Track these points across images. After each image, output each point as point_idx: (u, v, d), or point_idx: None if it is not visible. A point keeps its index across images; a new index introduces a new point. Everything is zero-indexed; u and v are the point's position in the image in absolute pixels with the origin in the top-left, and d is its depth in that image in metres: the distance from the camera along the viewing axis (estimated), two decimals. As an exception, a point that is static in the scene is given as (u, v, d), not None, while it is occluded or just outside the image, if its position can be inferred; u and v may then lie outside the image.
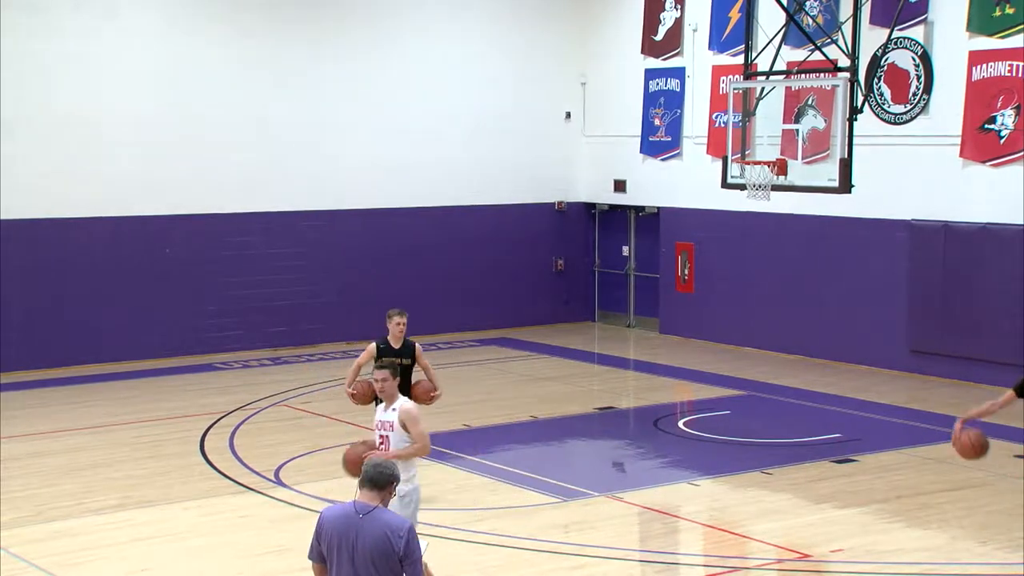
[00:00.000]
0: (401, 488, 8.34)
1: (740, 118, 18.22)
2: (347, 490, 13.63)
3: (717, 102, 22.15)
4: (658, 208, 24.11)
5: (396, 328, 13.11)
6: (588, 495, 13.67)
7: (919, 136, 19.67)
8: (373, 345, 13.17)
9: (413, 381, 13.12)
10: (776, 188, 17.60)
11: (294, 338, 22.60)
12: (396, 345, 13.10)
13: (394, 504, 7.59)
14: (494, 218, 24.45)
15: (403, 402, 10.09)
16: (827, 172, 17.52)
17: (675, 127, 23.51)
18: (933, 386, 19.26)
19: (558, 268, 25.32)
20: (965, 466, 14.80)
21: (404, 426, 9.94)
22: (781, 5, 18.64)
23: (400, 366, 11.45)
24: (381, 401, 10.15)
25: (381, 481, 6.99)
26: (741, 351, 21.76)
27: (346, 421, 17.03)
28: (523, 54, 24.62)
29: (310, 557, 7.12)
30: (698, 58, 22.97)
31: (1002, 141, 18.63)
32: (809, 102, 19.71)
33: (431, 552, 11.76)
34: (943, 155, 19.35)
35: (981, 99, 18.78)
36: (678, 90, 23.43)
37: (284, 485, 14.06)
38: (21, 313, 20.31)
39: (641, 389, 20.18)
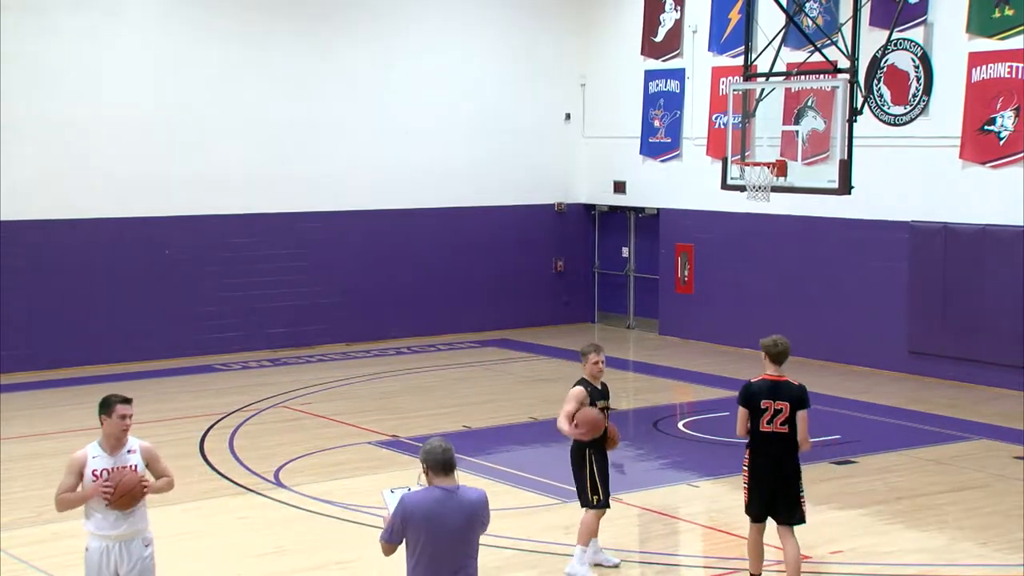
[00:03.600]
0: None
1: (740, 119, 18.22)
2: (347, 492, 13.65)
3: (717, 103, 22.16)
4: (658, 209, 24.12)
5: (595, 368, 11.39)
6: (588, 496, 13.66)
7: (919, 137, 19.68)
8: (581, 389, 11.28)
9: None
10: (776, 189, 17.60)
11: (294, 339, 22.60)
12: (598, 386, 11.48)
13: None
14: (494, 219, 24.46)
15: None
16: (827, 173, 17.52)
17: (675, 128, 23.52)
18: (932, 387, 19.26)
19: (558, 269, 25.32)
20: (964, 468, 14.84)
21: None
22: (781, 6, 18.64)
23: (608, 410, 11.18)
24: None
25: (452, 464, 7.54)
26: (740, 352, 21.75)
27: (346, 422, 17.04)
28: (523, 55, 24.63)
29: (391, 539, 7.49)
30: (698, 59, 22.97)
31: (1002, 142, 18.63)
32: (809, 103, 19.72)
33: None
34: (943, 156, 19.35)
35: (981, 100, 18.78)
36: (678, 91, 23.43)
37: (284, 486, 14.06)
38: (21, 314, 20.31)
39: (641, 390, 20.18)
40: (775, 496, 10.35)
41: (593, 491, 11.11)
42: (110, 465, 8.51)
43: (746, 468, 10.52)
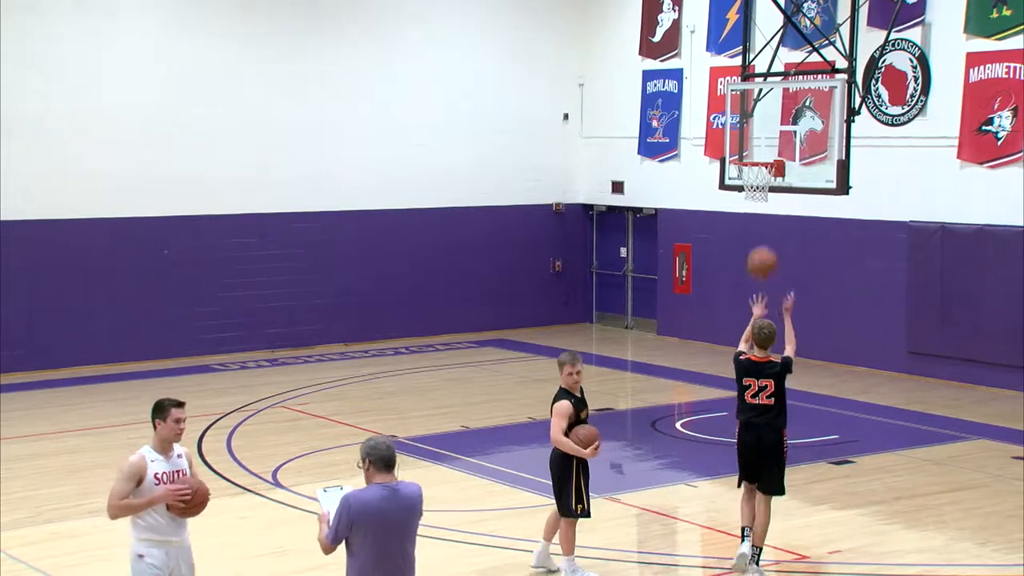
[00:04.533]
0: None
1: (738, 119, 18.22)
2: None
3: (715, 103, 22.17)
4: (656, 209, 24.13)
5: (570, 378, 11.07)
6: (586, 496, 13.67)
7: (917, 138, 19.69)
8: (566, 403, 10.98)
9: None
10: (774, 189, 17.59)
11: (292, 339, 22.60)
12: (578, 394, 11.20)
13: None
14: (492, 219, 24.46)
15: None
16: (825, 173, 17.51)
17: (673, 128, 23.53)
18: (931, 387, 19.27)
19: (556, 269, 25.32)
20: (963, 468, 14.84)
21: None
22: (779, 7, 18.64)
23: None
24: None
25: (395, 462, 7.72)
26: (739, 352, 21.73)
27: (343, 422, 17.04)
28: (521, 56, 24.63)
29: (336, 540, 7.66)
30: (696, 59, 22.98)
31: (1000, 143, 18.65)
32: (807, 103, 19.73)
33: (432, 553, 11.79)
34: (941, 157, 19.36)
35: (979, 101, 18.79)
36: (676, 91, 23.44)
37: (282, 487, 14.07)
38: (20, 314, 20.31)
39: (639, 390, 20.18)
40: (758, 464, 11.16)
41: (578, 500, 10.99)
42: (168, 469, 8.46)
43: (738, 441, 11.34)
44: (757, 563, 11.06)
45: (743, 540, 11.14)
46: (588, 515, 11.11)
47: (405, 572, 7.74)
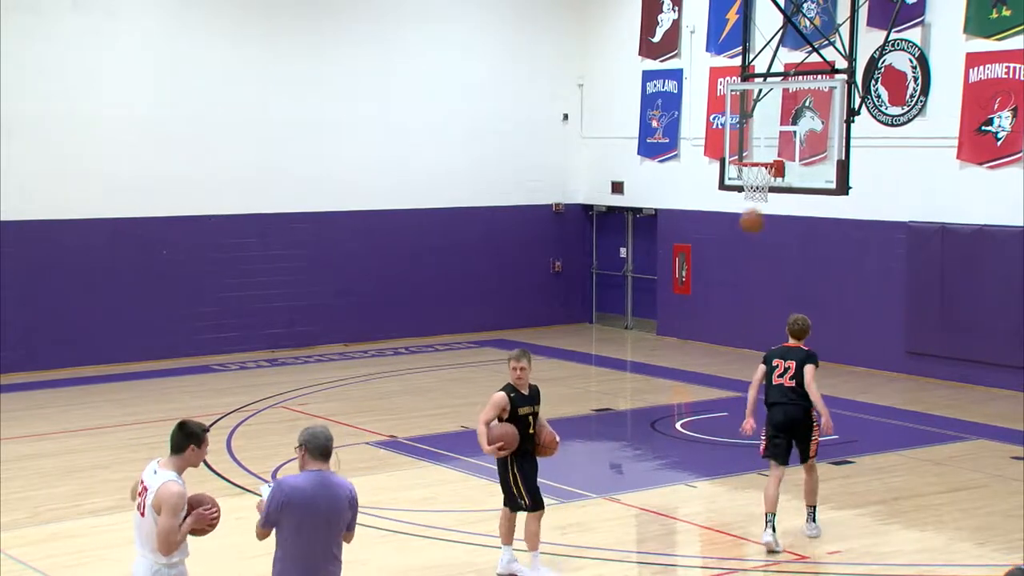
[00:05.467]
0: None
1: (738, 120, 18.23)
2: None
3: (714, 104, 22.17)
4: (656, 210, 24.13)
5: (514, 373, 11.05)
6: (586, 497, 13.69)
7: (916, 138, 19.69)
8: (503, 395, 10.98)
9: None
10: (773, 190, 17.60)
11: (292, 339, 22.61)
12: (524, 391, 11.11)
13: None
14: (492, 220, 24.46)
15: None
16: (824, 174, 17.52)
17: (672, 129, 23.53)
18: (930, 388, 19.28)
19: (556, 270, 25.33)
20: (962, 468, 14.85)
21: None
22: (778, 7, 18.65)
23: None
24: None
25: (330, 451, 7.87)
26: (738, 352, 21.76)
27: (343, 422, 17.04)
28: (521, 56, 24.63)
29: (267, 525, 7.89)
30: (696, 60, 22.99)
31: (999, 143, 18.65)
32: (806, 104, 19.74)
33: (432, 553, 11.78)
34: (940, 157, 19.37)
35: (978, 101, 18.80)
36: (676, 92, 23.44)
37: (282, 487, 14.05)
38: (19, 315, 20.31)
39: (638, 391, 20.18)
40: (785, 435, 12.09)
41: (520, 496, 11.00)
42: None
43: (766, 420, 12.27)
44: (814, 520, 12.26)
45: (766, 527, 11.85)
46: (541, 507, 11.08)
47: (334, 559, 7.84)
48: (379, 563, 11.65)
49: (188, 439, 8.04)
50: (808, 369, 12.06)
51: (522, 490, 10.98)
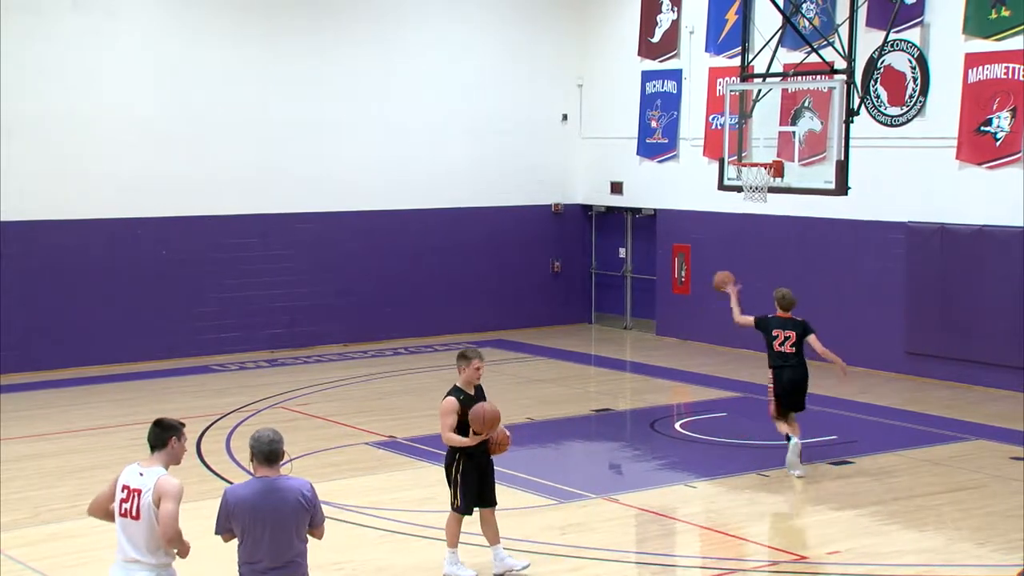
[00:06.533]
0: None
1: (737, 120, 18.23)
2: (344, 493, 13.66)
3: (714, 104, 22.18)
4: (655, 210, 24.14)
5: (476, 374, 11.02)
6: (585, 497, 13.69)
7: (915, 138, 19.69)
8: (452, 399, 10.91)
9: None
10: (773, 190, 17.60)
11: (291, 340, 22.61)
12: (471, 392, 11.07)
13: None
14: (491, 220, 24.47)
15: None
16: (823, 174, 17.52)
17: (672, 129, 23.53)
18: (929, 388, 19.28)
19: (555, 270, 25.33)
20: (962, 468, 14.86)
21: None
22: (778, 7, 18.65)
23: None
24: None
25: (277, 456, 7.88)
26: (738, 353, 21.76)
27: (343, 423, 17.05)
28: (520, 56, 24.64)
29: (219, 531, 8.03)
30: (695, 60, 22.99)
31: (998, 143, 18.65)
32: (806, 104, 19.74)
33: (432, 553, 11.79)
34: (939, 157, 19.37)
35: (977, 101, 18.80)
36: (675, 92, 23.45)
37: (281, 487, 14.05)
38: (18, 315, 20.31)
39: (638, 391, 20.19)
40: (793, 394, 14.49)
41: (453, 496, 11.06)
42: None
43: (771, 382, 14.58)
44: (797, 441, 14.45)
45: (789, 441, 14.39)
46: (468, 512, 11.14)
47: (285, 564, 7.83)
48: (378, 563, 11.66)
49: (168, 431, 8.08)
50: (812, 338, 14.49)
51: (458, 488, 11.01)
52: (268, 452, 7.85)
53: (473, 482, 11.06)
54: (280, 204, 22.42)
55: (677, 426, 17.46)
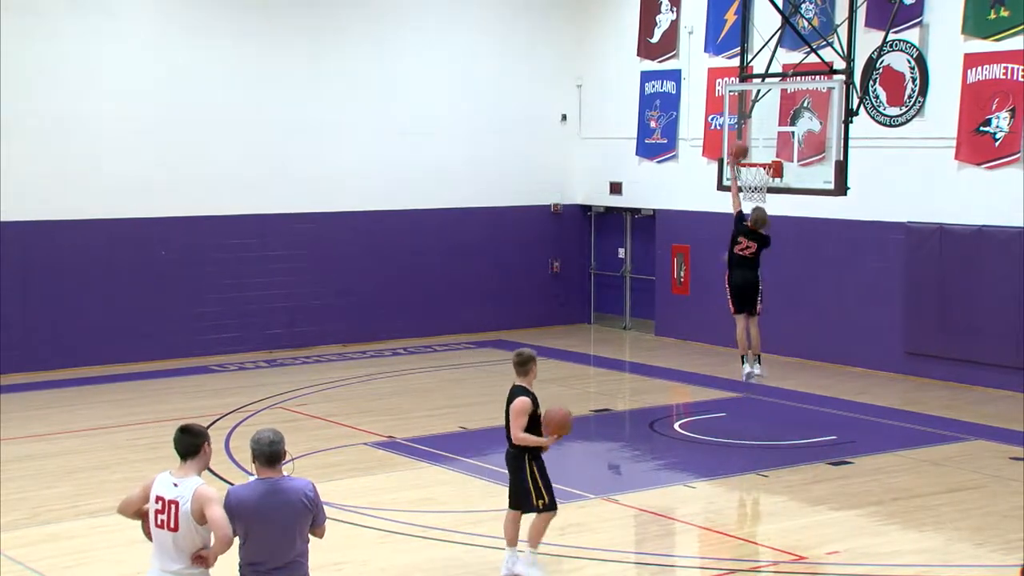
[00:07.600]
0: None
1: (736, 120, 18.23)
2: (344, 494, 13.67)
3: (713, 104, 22.19)
4: (654, 210, 24.14)
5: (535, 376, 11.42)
6: (584, 497, 13.69)
7: (914, 138, 19.70)
8: (528, 400, 11.19)
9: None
10: (772, 190, 17.59)
11: (290, 340, 22.61)
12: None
13: None
14: (490, 220, 24.47)
15: None
16: (823, 174, 17.52)
17: (671, 129, 23.54)
18: (929, 388, 19.29)
19: (554, 270, 25.34)
20: (961, 468, 14.86)
21: None
22: (777, 7, 18.66)
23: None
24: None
25: (278, 457, 7.86)
26: (737, 353, 21.74)
27: (342, 423, 17.05)
28: (519, 56, 24.64)
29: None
30: (694, 60, 23.00)
31: (997, 144, 18.66)
32: (805, 104, 19.75)
33: (431, 553, 11.79)
34: (938, 157, 19.37)
35: (976, 101, 18.81)
36: (674, 92, 23.45)
37: (281, 487, 14.05)
38: (18, 315, 20.31)
39: (637, 391, 20.19)
40: (743, 292, 16.78)
41: (538, 496, 11.02)
42: None
43: (727, 281, 16.92)
44: (759, 363, 17.10)
45: (743, 362, 17.19)
46: (555, 507, 11.16)
47: (286, 565, 7.84)
48: (378, 563, 11.66)
49: (199, 437, 7.97)
50: (764, 251, 16.79)
51: (541, 487, 11.01)
52: (269, 453, 7.84)
53: (547, 475, 11.12)
54: (280, 204, 22.43)
55: (676, 426, 17.46)
